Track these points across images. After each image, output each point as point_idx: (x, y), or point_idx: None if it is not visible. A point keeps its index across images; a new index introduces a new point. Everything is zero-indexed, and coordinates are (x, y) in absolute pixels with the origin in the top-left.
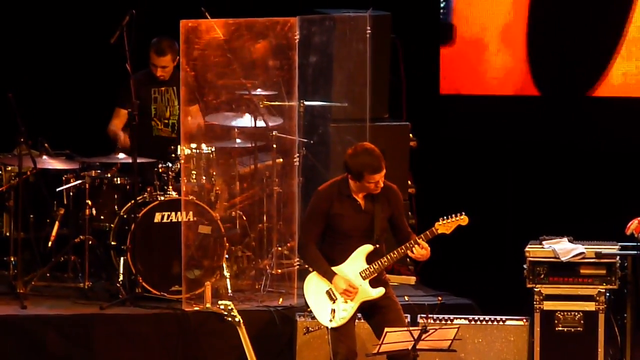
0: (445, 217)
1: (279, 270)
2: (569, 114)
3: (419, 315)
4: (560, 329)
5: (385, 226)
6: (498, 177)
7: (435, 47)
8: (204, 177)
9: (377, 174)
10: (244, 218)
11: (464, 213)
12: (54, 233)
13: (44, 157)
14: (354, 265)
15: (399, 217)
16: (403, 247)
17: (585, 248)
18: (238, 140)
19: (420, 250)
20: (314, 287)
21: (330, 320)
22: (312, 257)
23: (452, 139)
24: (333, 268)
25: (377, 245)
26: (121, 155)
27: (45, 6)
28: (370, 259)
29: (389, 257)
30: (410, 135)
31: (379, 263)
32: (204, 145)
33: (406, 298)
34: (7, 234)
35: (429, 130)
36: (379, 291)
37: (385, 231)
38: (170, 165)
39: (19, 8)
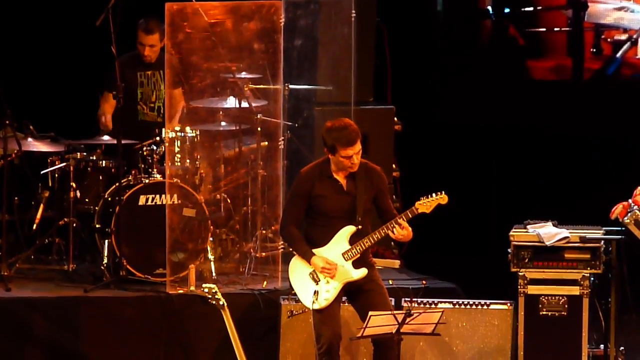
0: (425, 197)
1: (263, 254)
2: (556, 99)
3: (403, 299)
4: (544, 313)
5: (368, 207)
6: (483, 161)
7: (421, 31)
8: (188, 160)
9: (349, 148)
10: (229, 201)
11: (443, 192)
12: (38, 215)
13: (29, 139)
14: (337, 247)
15: (383, 199)
16: (384, 227)
17: (570, 232)
18: (223, 123)
19: (401, 230)
20: (298, 269)
21: (313, 302)
22: (293, 238)
23: (438, 122)
24: (316, 250)
25: (360, 227)
26: (106, 138)
27: None
28: (353, 240)
29: (371, 238)
30: (395, 119)
31: (362, 244)
32: (188, 128)
33: (390, 282)
34: None
35: (414, 114)
36: (362, 272)
37: (370, 213)
38: (154, 148)
39: None
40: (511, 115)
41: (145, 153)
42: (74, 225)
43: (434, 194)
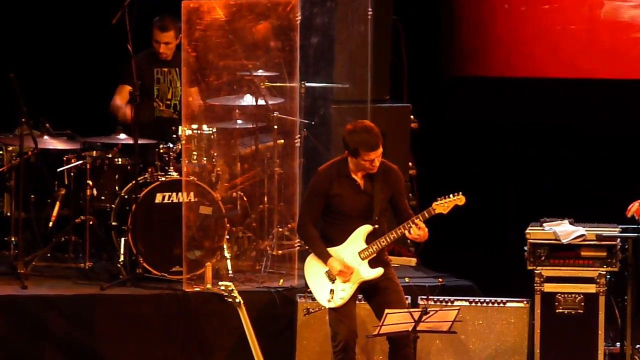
0: (442, 197)
1: (280, 251)
2: (571, 96)
3: (419, 297)
4: (560, 311)
5: (385, 207)
6: (500, 159)
7: (437, 29)
8: (204, 158)
9: (372, 152)
10: (245, 199)
11: (461, 193)
12: (54, 213)
13: (45, 137)
14: (353, 246)
15: (399, 198)
16: (401, 227)
17: (586, 230)
18: (239, 121)
19: (418, 230)
20: (314, 268)
21: (329, 301)
22: (310, 237)
23: (454, 120)
24: (333, 248)
25: (377, 226)
26: (122, 136)
27: None
28: (369, 239)
29: (387, 238)
30: (412, 116)
31: (378, 243)
32: (205, 126)
33: (407, 279)
34: (8, 214)
35: (431, 112)
36: (377, 272)
37: (386, 212)
38: (171, 146)
39: None
40: (528, 113)
41: (161, 151)
42: (91, 223)
43: (451, 195)
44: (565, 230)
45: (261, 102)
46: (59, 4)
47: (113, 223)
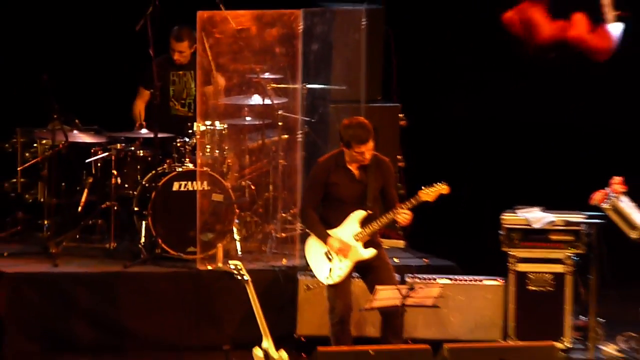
0: (428, 186)
1: (283, 234)
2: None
3: (407, 275)
4: (532, 288)
5: (377, 194)
6: (480, 153)
7: (426, 37)
8: (217, 151)
9: (363, 145)
10: (253, 187)
11: (444, 182)
12: (83, 199)
13: (75, 131)
14: (349, 229)
15: (389, 189)
16: (390, 212)
17: (555, 217)
18: (248, 118)
19: (404, 215)
20: (314, 249)
21: (327, 278)
22: (311, 221)
23: (439, 118)
24: (330, 231)
25: (370, 211)
26: (143, 131)
27: None
28: (363, 223)
29: (379, 222)
30: (401, 115)
31: (371, 227)
32: (217, 123)
33: (396, 260)
34: (42, 200)
35: (418, 111)
36: (371, 252)
37: (378, 200)
38: (187, 140)
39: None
40: (505, 112)
41: (178, 144)
42: (115, 208)
43: (435, 184)
44: (536, 216)
45: (267, 101)
46: (88, 12)
47: (135, 208)
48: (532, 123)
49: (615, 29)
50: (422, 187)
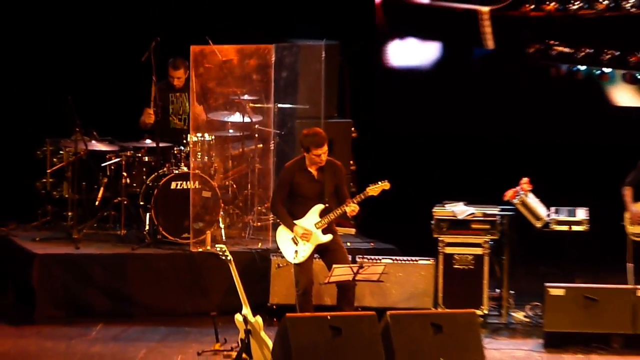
0: (373, 184)
1: (259, 224)
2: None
3: (357, 256)
4: (457, 267)
5: (332, 191)
6: (415, 159)
7: (373, 66)
8: (206, 157)
9: (319, 149)
10: (234, 186)
11: (387, 180)
12: (99, 195)
13: (93, 141)
14: (311, 219)
15: (341, 186)
16: (343, 206)
17: (475, 209)
18: (230, 131)
19: (353, 207)
20: (283, 235)
21: (294, 258)
22: (280, 213)
23: (381, 130)
24: (296, 221)
25: (327, 205)
26: (148, 141)
27: (96, 33)
28: (321, 214)
29: (334, 213)
30: (352, 128)
31: (328, 217)
32: (206, 135)
33: (348, 244)
34: (66, 195)
35: (365, 125)
36: (328, 237)
37: (334, 195)
38: (182, 148)
39: (77, 36)
40: (437, 125)
41: (175, 152)
42: (125, 202)
43: (379, 182)
44: (460, 209)
45: (246, 118)
46: (105, 46)
47: (141, 203)
48: (458, 134)
49: None
50: (370, 185)
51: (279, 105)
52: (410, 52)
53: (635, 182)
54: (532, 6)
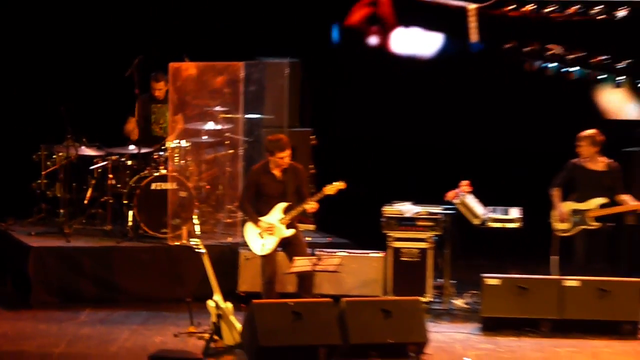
0: (330, 184)
1: (229, 220)
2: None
3: (316, 249)
4: (404, 259)
5: (294, 191)
6: (368, 163)
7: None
8: (183, 161)
9: (282, 152)
10: (207, 187)
11: (342, 181)
12: (88, 195)
13: (82, 147)
14: (275, 216)
15: (302, 187)
16: (303, 204)
17: (421, 208)
18: (204, 138)
19: (312, 205)
20: (250, 230)
21: (260, 251)
22: (247, 211)
23: (338, 137)
24: (262, 217)
25: (289, 203)
26: (132, 147)
27: (86, 51)
28: (285, 211)
29: (295, 210)
30: (312, 136)
31: (290, 214)
32: (183, 141)
33: (308, 238)
34: (59, 195)
35: (324, 133)
36: (291, 232)
37: (295, 195)
38: (162, 153)
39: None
40: (386, 132)
41: (155, 156)
42: (110, 201)
43: (335, 182)
44: (407, 208)
45: (218, 126)
46: (94, 64)
47: (125, 201)
48: (406, 142)
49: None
50: (327, 185)
51: (247, 115)
52: (364, 69)
53: (562, 184)
54: (512, 7)
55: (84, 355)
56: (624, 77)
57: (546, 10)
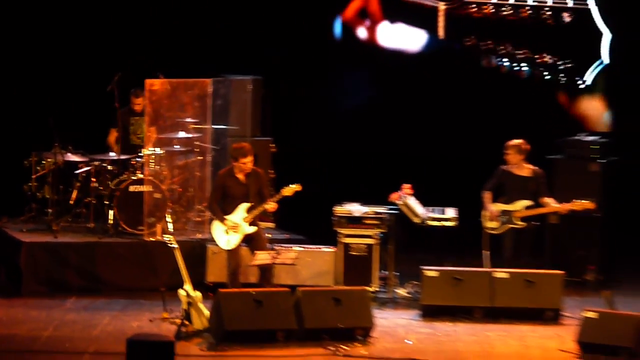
0: (287, 186)
1: (198, 219)
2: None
3: (275, 245)
4: (353, 253)
5: (256, 193)
6: (322, 168)
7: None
8: (157, 167)
9: (245, 158)
10: (180, 189)
11: (298, 183)
12: (73, 196)
13: (68, 154)
14: (239, 214)
15: (263, 189)
16: (263, 204)
17: (368, 208)
18: (177, 146)
19: (272, 205)
20: (217, 227)
21: (226, 246)
22: (215, 210)
23: (294, 146)
24: (227, 216)
25: (252, 204)
26: (112, 154)
27: (73, 69)
28: (248, 211)
29: (257, 210)
30: (272, 145)
31: (252, 213)
32: (157, 149)
33: (268, 235)
34: (47, 196)
35: (283, 142)
36: (253, 229)
37: (257, 196)
38: (139, 159)
39: (58, 71)
40: (337, 141)
41: (133, 162)
42: (93, 202)
43: (292, 185)
44: (356, 208)
45: (189, 136)
46: (81, 80)
47: (106, 202)
48: (356, 149)
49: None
50: (284, 187)
51: (214, 126)
52: (317, 86)
53: (492, 188)
54: (475, 9)
55: (69, 338)
56: (565, 77)
57: (503, 12)
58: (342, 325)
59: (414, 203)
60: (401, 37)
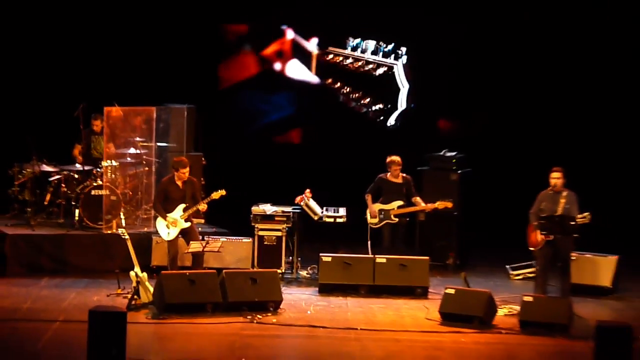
0: (215, 191)
1: (145, 215)
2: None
3: (205, 236)
4: (266, 243)
5: (191, 196)
6: (242, 177)
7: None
8: (113, 175)
9: (184, 169)
10: (130, 193)
11: (223, 189)
12: (47, 198)
13: (44, 165)
14: (177, 213)
15: (196, 193)
16: (196, 205)
17: (277, 208)
18: (128, 159)
19: (203, 206)
20: (160, 223)
21: (167, 237)
22: (158, 209)
23: (222, 159)
24: (168, 214)
25: (187, 205)
26: (78, 165)
27: (47, 97)
28: (184, 210)
29: (191, 209)
30: (203, 158)
31: (188, 212)
32: (113, 161)
33: (200, 229)
34: (27, 198)
35: (212, 156)
36: (188, 224)
37: (192, 199)
38: (99, 169)
39: (36, 99)
40: (252, 153)
41: (94, 172)
42: (63, 203)
43: (219, 190)
44: (268, 208)
45: (138, 151)
46: (55, 104)
47: (73, 203)
48: (270, 161)
49: None
50: (213, 192)
51: (158, 143)
52: (239, 113)
53: (373, 192)
54: (331, 57)
55: (44, 309)
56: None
57: (345, 62)
58: (257, 299)
59: (313, 204)
60: (302, 72)
